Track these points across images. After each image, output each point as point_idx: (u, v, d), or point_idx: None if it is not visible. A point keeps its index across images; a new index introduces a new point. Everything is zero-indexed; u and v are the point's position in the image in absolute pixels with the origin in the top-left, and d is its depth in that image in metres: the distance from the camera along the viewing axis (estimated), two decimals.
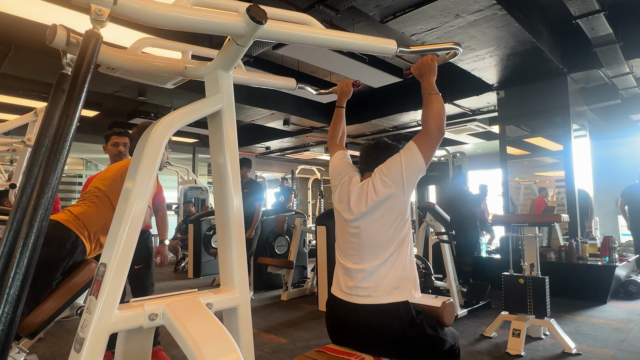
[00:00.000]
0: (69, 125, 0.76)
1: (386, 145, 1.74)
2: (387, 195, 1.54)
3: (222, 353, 0.83)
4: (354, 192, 1.64)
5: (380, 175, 1.58)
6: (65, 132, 0.76)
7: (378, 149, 1.72)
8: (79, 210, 1.98)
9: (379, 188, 1.55)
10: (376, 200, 1.55)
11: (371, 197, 1.57)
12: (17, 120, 3.26)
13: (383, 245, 1.54)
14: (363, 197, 1.59)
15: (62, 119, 0.75)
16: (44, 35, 1.02)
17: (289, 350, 3.17)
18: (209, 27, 0.96)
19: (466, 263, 4.97)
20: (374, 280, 1.51)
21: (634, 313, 4.09)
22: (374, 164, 1.67)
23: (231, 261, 1.08)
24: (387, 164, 1.59)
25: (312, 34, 1.17)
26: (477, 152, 10.93)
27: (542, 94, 5.50)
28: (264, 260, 5.17)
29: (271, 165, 12.71)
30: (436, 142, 1.52)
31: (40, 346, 3.21)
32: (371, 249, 1.55)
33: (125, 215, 0.90)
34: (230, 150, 1.11)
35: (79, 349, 0.84)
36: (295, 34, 1.13)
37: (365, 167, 1.73)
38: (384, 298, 1.49)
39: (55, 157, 0.73)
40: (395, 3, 3.55)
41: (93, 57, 0.82)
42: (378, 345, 1.50)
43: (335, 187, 1.77)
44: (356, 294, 1.53)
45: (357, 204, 1.60)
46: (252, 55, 4.49)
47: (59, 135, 0.75)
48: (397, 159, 1.56)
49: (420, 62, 1.63)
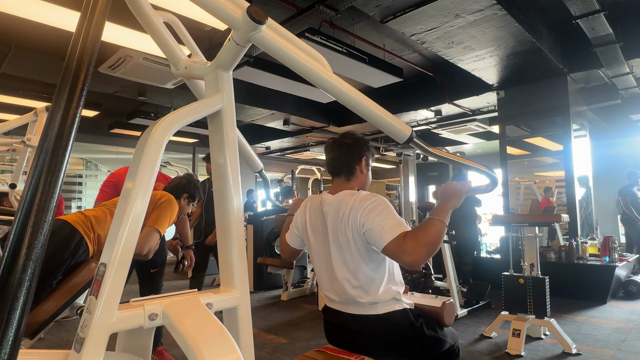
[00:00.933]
0: (71, 119, 0.76)
1: (354, 140, 1.57)
2: (356, 243, 1.45)
3: (222, 353, 0.83)
4: (330, 214, 1.51)
5: (354, 216, 1.42)
6: (69, 125, 0.76)
7: (344, 146, 1.57)
8: (92, 213, 2.03)
9: (349, 231, 1.44)
10: (349, 238, 1.45)
11: (343, 232, 1.46)
12: (17, 120, 3.26)
13: (366, 264, 1.46)
14: (337, 223, 1.48)
15: (65, 115, 0.76)
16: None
17: (289, 350, 3.17)
18: (211, 5, 0.97)
19: (466, 263, 4.98)
20: (367, 291, 1.46)
21: (634, 313, 4.09)
22: (344, 163, 1.57)
23: (231, 261, 1.08)
24: (365, 213, 1.40)
25: (307, 64, 1.11)
26: (477, 152, 10.92)
27: (542, 94, 5.50)
28: (264, 260, 5.17)
29: (271, 165, 12.70)
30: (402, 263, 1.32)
31: (40, 346, 3.21)
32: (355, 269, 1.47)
33: (125, 215, 0.90)
34: (230, 150, 1.11)
35: (79, 349, 0.84)
36: (291, 57, 1.09)
37: (334, 169, 1.60)
38: (380, 308, 1.46)
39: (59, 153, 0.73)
40: (395, 3, 3.55)
41: (93, 52, 0.82)
42: (378, 350, 1.49)
43: (305, 226, 1.62)
44: (350, 304, 1.50)
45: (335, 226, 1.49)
46: (252, 55, 4.49)
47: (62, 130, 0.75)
48: (373, 221, 1.37)
49: (449, 185, 1.44)
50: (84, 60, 0.81)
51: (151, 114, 7.01)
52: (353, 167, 1.57)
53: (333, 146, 1.60)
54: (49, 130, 0.76)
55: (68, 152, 0.75)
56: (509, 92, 5.79)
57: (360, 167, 1.59)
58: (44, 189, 0.70)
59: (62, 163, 0.73)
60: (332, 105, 7.09)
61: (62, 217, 1.94)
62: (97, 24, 0.85)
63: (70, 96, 0.77)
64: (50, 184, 0.71)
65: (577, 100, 5.76)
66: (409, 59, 5.47)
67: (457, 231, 4.41)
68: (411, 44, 5.05)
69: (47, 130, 0.76)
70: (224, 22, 1.01)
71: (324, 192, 1.60)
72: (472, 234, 5.07)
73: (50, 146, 0.74)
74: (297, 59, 1.10)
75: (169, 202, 2.21)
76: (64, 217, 1.95)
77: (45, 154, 0.74)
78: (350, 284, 1.47)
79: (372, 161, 1.64)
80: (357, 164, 1.58)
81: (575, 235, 5.07)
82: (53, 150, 0.73)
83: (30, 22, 3.45)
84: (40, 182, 0.71)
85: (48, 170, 0.72)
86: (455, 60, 4.82)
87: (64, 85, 0.79)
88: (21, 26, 3.68)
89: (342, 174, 1.58)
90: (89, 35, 0.83)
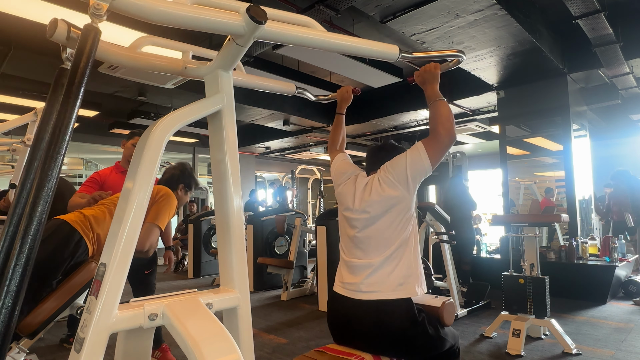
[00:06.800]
0: (68, 119, 0.75)
1: (392, 147, 1.76)
2: (391, 194, 1.55)
3: (222, 353, 0.83)
4: (359, 188, 1.66)
5: (386, 172, 1.59)
6: (64, 126, 0.75)
7: (384, 151, 1.74)
8: (91, 212, 2.01)
9: (384, 184, 1.57)
10: (382, 196, 1.56)
11: (376, 191, 1.58)
12: (17, 120, 3.26)
13: (388, 241, 1.54)
14: (367, 192, 1.62)
15: (61, 113, 0.75)
16: (44, 35, 1.01)
17: (289, 350, 3.17)
18: (209, 25, 0.96)
19: (465, 262, 4.99)
20: (378, 276, 1.51)
21: (634, 313, 4.09)
22: (380, 164, 1.68)
23: (231, 261, 1.08)
24: (392, 162, 1.60)
25: (312, 36, 1.17)
26: (477, 152, 10.93)
27: (542, 94, 5.50)
28: (264, 260, 5.17)
29: (271, 165, 12.71)
30: (446, 147, 1.51)
31: (40, 346, 3.21)
32: (376, 244, 1.56)
33: (125, 215, 0.90)
34: (230, 150, 1.11)
35: (79, 349, 0.84)
36: (295, 36, 1.13)
37: (371, 167, 1.75)
38: (387, 294, 1.48)
39: (54, 151, 0.72)
40: (395, 3, 3.55)
41: (92, 51, 0.82)
42: (379, 341, 1.49)
43: (339, 185, 1.78)
44: (359, 290, 1.53)
45: (362, 199, 1.62)
46: (252, 55, 4.49)
47: (57, 129, 0.74)
48: (403, 158, 1.57)
49: (423, 69, 1.61)
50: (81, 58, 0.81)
51: (151, 114, 7.01)
52: None
53: (375, 149, 1.81)
54: (42, 131, 0.75)
55: (62, 153, 0.74)
56: (509, 92, 5.79)
57: None
58: (37, 189, 0.70)
59: (56, 163, 0.73)
60: (332, 105, 7.07)
61: (61, 217, 1.94)
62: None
63: (66, 95, 0.77)
64: (44, 184, 0.70)
65: (577, 100, 5.76)
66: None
67: (456, 231, 4.42)
68: (411, 44, 5.05)
69: (40, 131, 0.75)
70: (227, 34, 1.01)
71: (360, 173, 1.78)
72: (470, 234, 5.11)
73: (44, 146, 0.73)
74: (298, 36, 1.13)
75: (167, 196, 2.18)
76: (62, 216, 1.94)
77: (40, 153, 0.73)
78: (377, 244, 1.55)
79: None
80: None
81: (575, 235, 5.07)
82: (47, 150, 0.72)
83: (30, 22, 3.46)
84: (34, 183, 0.71)
85: (42, 171, 0.71)
86: None
87: (59, 84, 0.78)
88: (21, 26, 3.68)
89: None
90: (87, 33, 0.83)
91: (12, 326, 0.65)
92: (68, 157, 9.96)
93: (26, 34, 3.90)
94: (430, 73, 1.59)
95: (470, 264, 5.04)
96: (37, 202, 0.69)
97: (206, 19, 0.95)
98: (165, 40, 1.42)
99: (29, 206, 0.69)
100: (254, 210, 7.11)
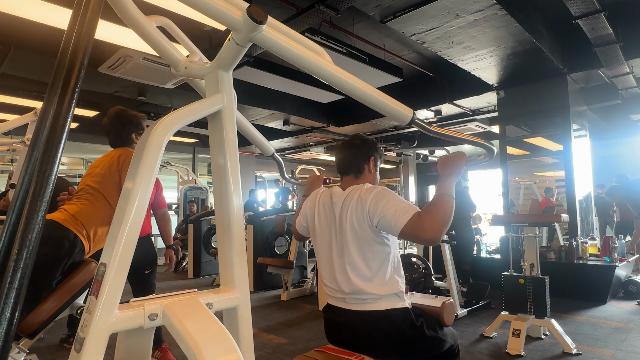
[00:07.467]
0: (64, 118, 0.75)
1: (362, 142, 1.66)
2: (364, 233, 1.48)
3: (222, 353, 0.83)
4: (339, 205, 1.57)
5: (363, 204, 1.48)
6: (61, 125, 0.75)
7: (354, 147, 1.65)
8: (75, 209, 1.95)
9: (356, 222, 1.49)
10: (357, 227, 1.49)
11: (351, 220, 1.51)
12: (17, 120, 3.27)
13: (372, 254, 1.49)
14: (344, 214, 1.53)
15: (57, 113, 0.75)
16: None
17: (289, 350, 3.17)
18: (210, 10, 0.96)
19: (466, 262, 4.99)
20: (371, 279, 1.48)
21: (634, 313, 4.09)
22: (354, 162, 1.63)
23: (231, 261, 1.08)
24: (377, 200, 1.45)
25: (310, 59, 1.13)
26: (477, 152, 10.92)
27: (542, 94, 5.49)
28: (264, 260, 5.17)
29: (271, 165, 12.69)
30: (421, 241, 1.39)
31: (40, 346, 3.21)
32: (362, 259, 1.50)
33: (125, 215, 0.90)
34: (230, 150, 1.11)
35: (79, 349, 0.84)
36: (294, 54, 1.10)
37: (343, 168, 1.66)
38: (382, 304, 1.47)
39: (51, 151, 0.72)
40: (395, 3, 3.55)
41: (87, 49, 0.81)
42: (378, 350, 1.49)
43: (313, 218, 1.67)
44: (354, 300, 1.51)
45: (342, 217, 1.55)
46: (252, 55, 4.49)
47: (54, 128, 0.74)
48: (383, 208, 1.42)
49: (448, 159, 1.49)
50: (76, 58, 0.80)
51: (151, 114, 7.01)
52: (361, 166, 1.65)
53: (343, 146, 1.68)
54: (40, 130, 0.75)
55: (60, 152, 0.74)
56: (509, 92, 5.79)
57: (369, 167, 1.66)
58: (35, 189, 0.70)
59: (54, 163, 0.72)
60: (332, 105, 7.08)
61: (50, 217, 1.87)
62: (90, 21, 0.84)
63: (63, 95, 0.76)
64: (42, 184, 0.70)
65: (577, 100, 5.76)
66: (409, 59, 5.47)
67: (455, 232, 4.43)
68: (411, 44, 5.05)
69: (38, 130, 0.75)
70: (224, 24, 1.01)
71: (334, 186, 1.67)
72: (470, 235, 5.11)
73: (41, 146, 0.73)
74: (298, 54, 1.11)
75: (131, 155, 2.06)
76: (50, 215, 1.88)
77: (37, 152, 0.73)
78: (355, 272, 1.49)
79: (380, 162, 1.71)
80: (366, 163, 1.65)
81: (575, 235, 5.07)
82: (44, 150, 0.72)
83: (30, 22, 3.45)
84: (31, 183, 0.70)
85: (39, 171, 0.71)
86: (455, 60, 4.82)
87: (56, 83, 0.78)
88: (21, 26, 3.68)
89: (350, 173, 1.65)
90: (82, 32, 0.83)
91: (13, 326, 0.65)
92: (68, 157, 9.95)
93: (26, 34, 3.90)
94: (454, 166, 1.46)
95: (470, 263, 5.05)
96: (35, 202, 0.69)
97: (209, 3, 0.95)
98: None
99: (27, 206, 0.69)
100: (254, 210, 7.11)
